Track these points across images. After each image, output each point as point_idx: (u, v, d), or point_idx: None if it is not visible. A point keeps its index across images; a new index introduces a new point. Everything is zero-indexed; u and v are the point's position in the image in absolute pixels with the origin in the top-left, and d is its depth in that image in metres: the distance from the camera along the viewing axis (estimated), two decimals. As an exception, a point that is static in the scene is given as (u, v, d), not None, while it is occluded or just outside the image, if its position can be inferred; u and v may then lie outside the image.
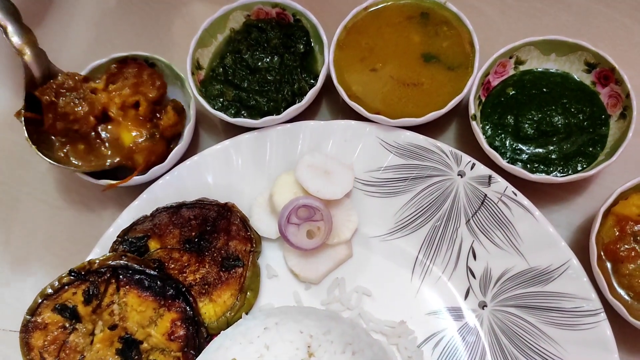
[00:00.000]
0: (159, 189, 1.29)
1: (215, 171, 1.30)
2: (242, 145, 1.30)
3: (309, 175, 1.24)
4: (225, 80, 1.34)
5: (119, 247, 1.24)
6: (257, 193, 1.30)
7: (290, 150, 1.30)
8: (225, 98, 1.32)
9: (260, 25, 1.37)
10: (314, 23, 1.33)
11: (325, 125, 1.29)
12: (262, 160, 1.31)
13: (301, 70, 1.33)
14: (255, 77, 1.33)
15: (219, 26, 1.38)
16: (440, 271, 1.21)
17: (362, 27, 1.32)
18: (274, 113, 1.30)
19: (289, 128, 1.30)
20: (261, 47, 1.36)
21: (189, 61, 1.33)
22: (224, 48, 1.39)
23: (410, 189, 1.25)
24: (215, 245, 1.24)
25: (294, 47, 1.35)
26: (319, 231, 1.21)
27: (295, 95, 1.31)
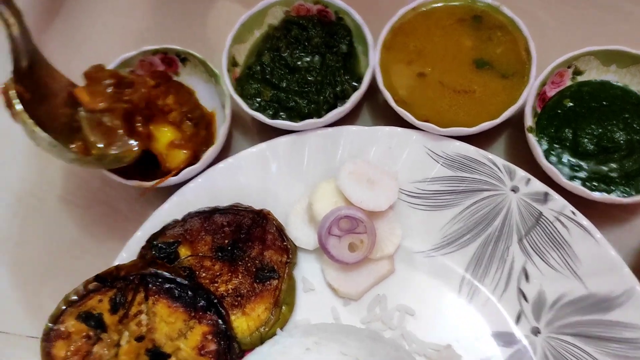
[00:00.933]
0: (191, 192, 1.22)
1: (250, 175, 1.23)
2: (279, 149, 1.23)
3: (352, 183, 1.16)
4: (262, 79, 1.27)
5: (148, 252, 1.17)
6: (294, 200, 1.22)
7: (330, 156, 1.23)
8: (262, 98, 1.25)
9: (301, 22, 1.29)
10: (358, 22, 1.25)
11: (369, 131, 1.22)
12: (299, 165, 1.23)
13: (344, 71, 1.26)
14: (294, 77, 1.26)
15: (256, 22, 1.30)
16: (489, 292, 1.14)
17: (410, 29, 1.25)
18: (314, 116, 1.23)
19: (330, 132, 1.23)
20: (301, 45, 1.28)
21: (225, 57, 1.25)
22: (261, 45, 1.31)
23: (458, 203, 1.18)
24: (249, 254, 1.17)
25: (336, 47, 1.27)
26: (362, 244, 1.14)
27: (337, 97, 1.24)
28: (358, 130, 1.22)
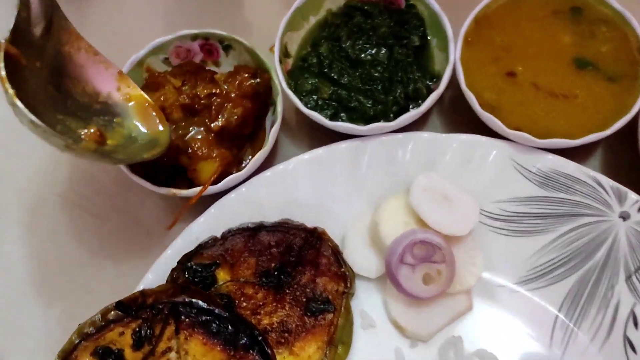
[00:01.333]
0: (231, 204, 1.02)
1: (301, 186, 1.04)
2: (337, 156, 1.04)
3: (427, 201, 0.97)
4: (319, 72, 1.07)
5: (180, 275, 0.97)
6: (353, 217, 1.04)
7: (397, 166, 1.04)
8: (320, 95, 1.05)
9: (365, 8, 1.10)
10: (434, 10, 1.06)
11: (445, 139, 1.03)
12: (361, 176, 1.04)
13: (419, 68, 1.06)
14: (357, 72, 1.07)
15: (313, 6, 1.12)
16: (588, 338, 0.95)
17: (496, 20, 1.06)
18: (381, 118, 1.04)
19: (398, 139, 1.04)
20: (365, 35, 1.09)
21: (278, 46, 1.06)
22: (317, 33, 1.12)
23: (552, 229, 0.99)
24: (299, 281, 0.98)
25: (406, 39, 1.08)
26: (439, 276, 0.94)
27: (408, 98, 1.04)
28: (432, 138, 1.03)
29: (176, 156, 1.01)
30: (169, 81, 1.05)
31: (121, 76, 1.01)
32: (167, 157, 1.00)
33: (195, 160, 1.00)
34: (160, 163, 1.01)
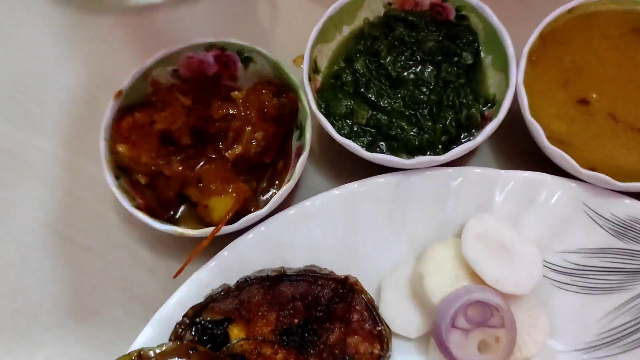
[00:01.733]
0: (248, 246, 0.87)
1: (331, 227, 0.89)
2: (374, 192, 0.89)
3: (482, 252, 0.82)
4: (355, 92, 0.92)
5: (186, 331, 0.82)
6: (391, 265, 0.89)
7: (445, 206, 0.89)
8: (356, 120, 0.90)
9: (409, 18, 0.95)
10: (491, 23, 0.90)
11: (503, 177, 0.88)
12: (402, 217, 0.89)
13: (471, 90, 0.91)
14: (399, 93, 0.91)
15: (347, 14, 0.96)
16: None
17: (565, 37, 0.91)
18: (427, 150, 0.88)
19: (448, 174, 0.88)
20: (409, 50, 0.94)
21: (307, 61, 0.90)
22: (352, 46, 0.97)
23: (628, 287, 0.85)
24: (327, 340, 0.83)
25: (458, 56, 0.93)
26: (498, 343, 0.79)
27: (460, 126, 0.89)
28: (486, 174, 0.88)
29: (183, 189, 0.86)
30: (177, 98, 0.89)
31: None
32: (172, 190, 0.85)
33: (207, 195, 0.84)
34: (163, 196, 0.86)
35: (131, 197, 0.87)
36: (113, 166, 0.88)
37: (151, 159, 0.84)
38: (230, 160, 0.86)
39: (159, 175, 0.86)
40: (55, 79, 1.07)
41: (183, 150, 0.86)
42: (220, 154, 0.87)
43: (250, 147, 0.87)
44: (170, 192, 0.85)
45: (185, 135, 0.87)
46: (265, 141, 0.88)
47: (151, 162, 0.84)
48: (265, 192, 0.91)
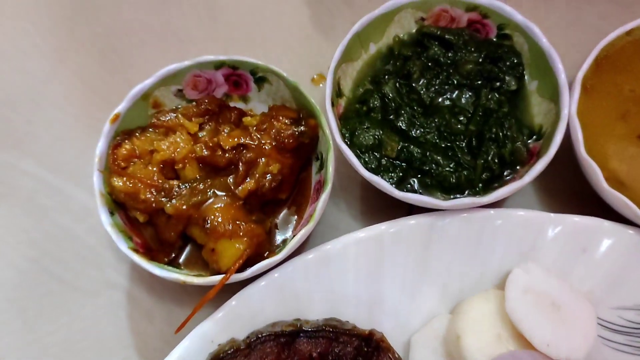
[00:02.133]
0: (260, 295, 0.76)
1: (354, 274, 0.78)
2: (404, 236, 0.78)
3: (529, 309, 0.71)
4: (383, 120, 0.81)
5: (186, 397, 0.71)
6: (421, 318, 0.78)
7: (484, 253, 0.79)
8: (385, 152, 0.79)
9: (445, 36, 0.84)
10: (539, 44, 0.80)
11: (552, 221, 0.78)
12: (435, 263, 0.79)
13: (515, 120, 0.80)
14: (433, 122, 0.81)
15: (375, 30, 0.85)
16: None
17: (623, 63, 0.80)
18: (466, 188, 0.78)
19: (488, 217, 0.77)
20: (444, 72, 0.83)
21: (330, 84, 0.79)
22: (379, 66, 0.86)
23: (695, 352, 0.73)
24: (349, 407, 0.72)
25: (500, 80, 0.82)
26: (549, 420, 0.68)
27: (504, 162, 0.78)
28: (532, 217, 0.78)
29: (187, 229, 0.75)
30: (181, 124, 0.78)
31: None
32: (174, 230, 0.74)
33: (214, 238, 0.73)
34: (164, 237, 0.75)
35: (127, 235, 0.76)
36: (108, 200, 0.77)
37: (150, 195, 0.73)
38: (242, 197, 0.75)
39: (159, 213, 0.75)
40: (44, 95, 0.96)
41: (187, 184, 0.75)
42: (230, 190, 0.76)
43: (264, 181, 0.76)
44: (172, 232, 0.74)
45: (191, 167, 0.76)
46: (281, 175, 0.77)
47: (150, 200, 0.73)
48: (280, 233, 0.80)
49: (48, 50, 0.99)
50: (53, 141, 0.93)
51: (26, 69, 0.98)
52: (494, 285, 0.78)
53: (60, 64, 0.98)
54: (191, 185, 0.75)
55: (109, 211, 0.77)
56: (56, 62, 0.98)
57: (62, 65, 0.98)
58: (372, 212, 0.86)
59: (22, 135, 0.94)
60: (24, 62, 0.98)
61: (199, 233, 0.75)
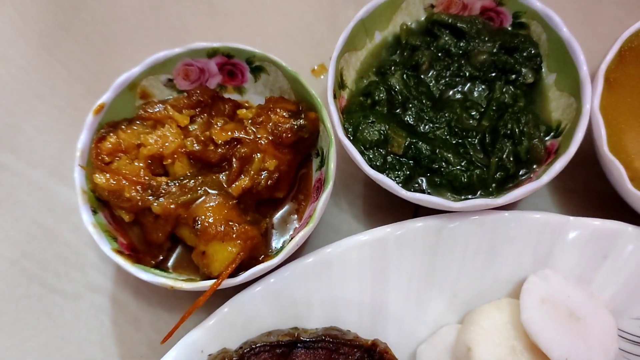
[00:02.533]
0: (255, 302, 0.71)
1: (356, 279, 0.73)
2: (411, 239, 0.73)
3: (546, 320, 0.66)
4: (389, 114, 0.75)
5: (173, 413, 0.65)
6: (428, 327, 0.74)
7: (497, 258, 0.73)
8: (391, 149, 0.73)
9: (457, 25, 0.78)
10: (558, 34, 0.74)
11: (571, 224, 0.72)
12: (443, 269, 0.74)
13: (532, 116, 0.74)
14: (443, 117, 0.75)
15: (381, 18, 0.79)
16: None
17: (648, 54, 0.74)
18: (478, 189, 0.72)
19: (503, 219, 0.72)
20: (455, 63, 0.77)
21: (332, 74, 0.73)
22: (384, 56, 0.80)
23: None
24: None
25: (516, 72, 0.76)
26: None
27: (519, 161, 0.72)
28: (548, 221, 0.73)
29: (176, 230, 0.69)
30: (170, 116, 0.72)
31: None
32: (162, 231, 0.68)
33: (205, 240, 0.67)
34: (151, 238, 0.69)
35: (111, 236, 0.71)
36: (90, 198, 0.71)
37: (136, 193, 0.67)
38: (235, 196, 0.70)
39: (146, 212, 0.69)
40: (27, 84, 0.90)
41: (177, 181, 0.69)
42: (223, 188, 0.70)
43: (259, 179, 0.70)
44: (160, 233, 0.69)
45: (181, 162, 0.70)
46: (278, 172, 0.71)
47: (136, 198, 0.67)
48: (277, 234, 0.74)
49: (31, 36, 0.92)
50: (35, 134, 0.87)
51: (8, 57, 0.92)
52: (507, 294, 0.72)
53: (44, 51, 0.92)
54: (181, 183, 0.70)
55: (92, 209, 0.71)
56: (40, 50, 0.92)
57: (46, 53, 0.92)
58: (376, 212, 0.81)
59: (2, 127, 0.88)
60: (6, 49, 0.92)
61: (188, 234, 0.69)
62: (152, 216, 0.69)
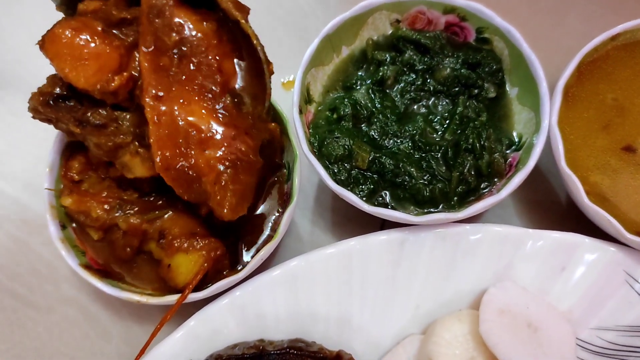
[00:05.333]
0: (221, 315, 0.73)
1: (322, 292, 0.74)
2: (374, 252, 0.74)
3: (505, 332, 0.68)
4: (354, 129, 0.77)
5: None
6: (392, 338, 0.75)
7: (458, 270, 0.74)
8: (355, 163, 0.74)
9: (420, 40, 0.80)
10: (519, 49, 0.75)
11: (530, 237, 0.74)
12: (406, 281, 0.75)
13: (493, 130, 0.76)
14: (407, 132, 0.76)
15: (347, 33, 0.80)
16: None
17: (606, 70, 0.76)
18: (440, 202, 0.73)
19: (463, 232, 0.73)
20: (420, 78, 0.79)
21: (298, 89, 0.75)
22: (351, 71, 0.82)
23: (678, 376, 0.69)
24: None
25: (478, 87, 0.78)
26: None
27: (480, 174, 0.74)
28: (508, 233, 0.74)
29: (143, 245, 0.70)
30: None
31: None
32: (130, 246, 0.70)
33: (170, 253, 0.69)
34: (119, 254, 0.70)
35: (80, 250, 0.72)
36: (60, 213, 0.72)
37: (103, 212, 0.69)
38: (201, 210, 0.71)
39: (114, 228, 0.70)
40: (1, 99, 0.91)
41: (145, 196, 0.71)
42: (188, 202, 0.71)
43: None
44: (127, 248, 0.70)
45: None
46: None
47: (104, 217, 0.68)
48: (242, 248, 0.76)
49: (5, 51, 0.93)
50: (8, 147, 0.88)
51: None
52: (469, 305, 0.74)
53: (18, 65, 0.93)
54: (148, 198, 0.71)
55: (61, 224, 0.72)
56: (14, 64, 0.92)
57: (20, 67, 0.93)
58: (344, 223, 0.82)
59: (-26, 138, 0.89)
60: (-20, 62, 0.93)
61: (155, 248, 0.70)
62: (121, 232, 0.70)
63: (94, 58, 0.62)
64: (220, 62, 0.65)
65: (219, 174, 0.64)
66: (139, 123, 0.66)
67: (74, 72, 0.62)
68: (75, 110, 0.64)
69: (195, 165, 0.64)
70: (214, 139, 0.64)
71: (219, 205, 0.64)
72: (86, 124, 0.65)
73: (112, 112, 0.66)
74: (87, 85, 0.62)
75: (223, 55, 0.66)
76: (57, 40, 0.62)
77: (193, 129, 0.63)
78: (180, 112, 0.63)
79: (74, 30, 0.62)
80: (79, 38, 0.61)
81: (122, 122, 0.66)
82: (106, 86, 0.63)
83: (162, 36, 0.63)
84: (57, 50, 0.62)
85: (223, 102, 0.65)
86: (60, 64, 0.62)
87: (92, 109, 0.65)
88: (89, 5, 0.65)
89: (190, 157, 0.63)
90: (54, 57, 0.63)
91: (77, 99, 0.65)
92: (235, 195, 0.65)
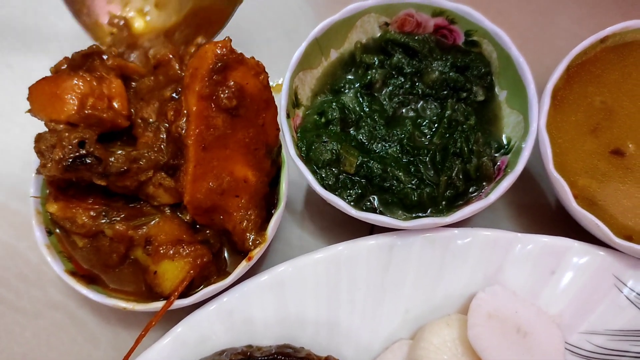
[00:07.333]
0: (209, 321, 0.72)
1: (310, 297, 0.74)
2: (363, 256, 0.74)
3: (493, 336, 0.67)
4: (343, 133, 0.76)
5: None
6: (381, 343, 0.75)
7: (447, 275, 0.74)
8: (343, 168, 0.74)
9: (409, 43, 0.79)
10: (508, 52, 0.75)
11: (519, 241, 0.73)
12: (394, 286, 0.75)
13: (482, 133, 0.76)
14: (395, 135, 0.76)
15: (336, 36, 0.80)
16: None
17: (595, 73, 0.76)
18: (429, 207, 0.73)
19: (452, 236, 0.73)
20: (408, 81, 0.78)
21: (285, 93, 0.74)
22: (340, 74, 0.81)
23: (666, 380, 0.69)
24: None
25: (467, 90, 0.78)
26: None
27: (468, 178, 0.74)
28: (497, 237, 0.74)
29: (129, 252, 0.70)
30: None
31: None
32: (116, 253, 0.69)
33: (157, 260, 0.68)
34: (105, 261, 0.70)
35: (66, 257, 0.71)
36: (46, 219, 0.72)
37: (90, 219, 0.68)
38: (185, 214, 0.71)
39: (100, 235, 0.70)
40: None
41: (131, 203, 0.70)
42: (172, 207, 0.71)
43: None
44: (114, 255, 0.69)
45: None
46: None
47: (89, 224, 0.68)
48: (229, 254, 0.75)
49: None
50: (-7, 150, 0.88)
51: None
52: (458, 309, 0.74)
53: (4, 67, 0.92)
54: (135, 204, 0.70)
55: (47, 230, 0.72)
56: (1, 66, 0.92)
57: (7, 70, 0.92)
58: (334, 228, 0.82)
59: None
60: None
61: (141, 255, 0.70)
62: (107, 239, 0.70)
63: (67, 90, 0.66)
64: (264, 119, 0.68)
65: (243, 215, 0.69)
66: (151, 145, 0.69)
67: (51, 108, 0.67)
68: (94, 167, 0.65)
69: (222, 208, 0.68)
70: (245, 186, 0.68)
71: (242, 241, 0.70)
72: (110, 175, 0.66)
73: (128, 152, 0.68)
74: (68, 116, 0.66)
75: (264, 111, 0.68)
76: (33, 92, 0.69)
77: (229, 177, 0.67)
78: (222, 162, 0.66)
79: (44, 82, 0.69)
80: (51, 83, 0.68)
81: (142, 161, 0.68)
82: (87, 111, 0.66)
83: (220, 93, 0.64)
84: (35, 98, 0.69)
85: (259, 154, 0.69)
86: (41, 107, 0.68)
87: (105, 152, 0.66)
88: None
89: (221, 201, 0.67)
90: (34, 103, 0.69)
91: (90, 154, 0.66)
92: (255, 228, 0.70)
